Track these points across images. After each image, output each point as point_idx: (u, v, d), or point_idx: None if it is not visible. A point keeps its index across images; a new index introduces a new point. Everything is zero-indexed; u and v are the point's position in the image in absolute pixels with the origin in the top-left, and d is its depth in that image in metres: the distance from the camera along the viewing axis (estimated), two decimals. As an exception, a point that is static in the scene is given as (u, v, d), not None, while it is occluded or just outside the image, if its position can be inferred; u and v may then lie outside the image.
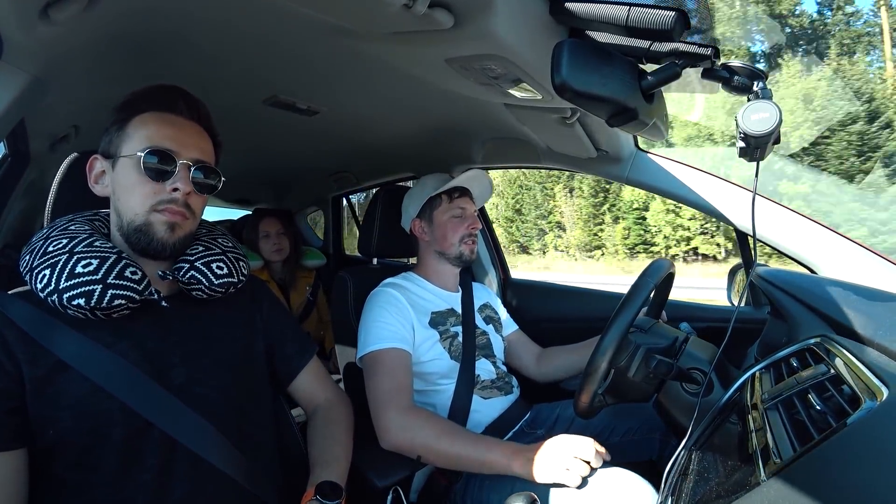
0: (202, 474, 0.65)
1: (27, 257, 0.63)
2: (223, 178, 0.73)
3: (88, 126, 1.16)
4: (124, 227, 0.67)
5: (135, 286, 0.63)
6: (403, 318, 1.06)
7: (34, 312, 0.61)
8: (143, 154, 0.65)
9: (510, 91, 0.84)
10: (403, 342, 1.02)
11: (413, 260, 1.33)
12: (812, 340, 0.65)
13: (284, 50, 0.84)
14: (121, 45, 0.80)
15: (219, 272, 0.73)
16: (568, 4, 0.59)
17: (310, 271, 2.22)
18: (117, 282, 0.61)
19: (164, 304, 0.68)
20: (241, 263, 0.78)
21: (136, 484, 0.61)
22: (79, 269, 0.60)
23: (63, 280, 0.59)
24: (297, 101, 1.11)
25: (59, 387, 0.59)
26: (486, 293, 1.40)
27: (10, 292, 0.64)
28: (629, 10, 0.54)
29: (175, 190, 0.67)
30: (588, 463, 0.78)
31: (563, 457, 0.79)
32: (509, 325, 1.38)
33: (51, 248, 0.62)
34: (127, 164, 0.66)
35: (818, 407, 0.48)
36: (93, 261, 0.61)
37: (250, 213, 2.31)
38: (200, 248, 0.74)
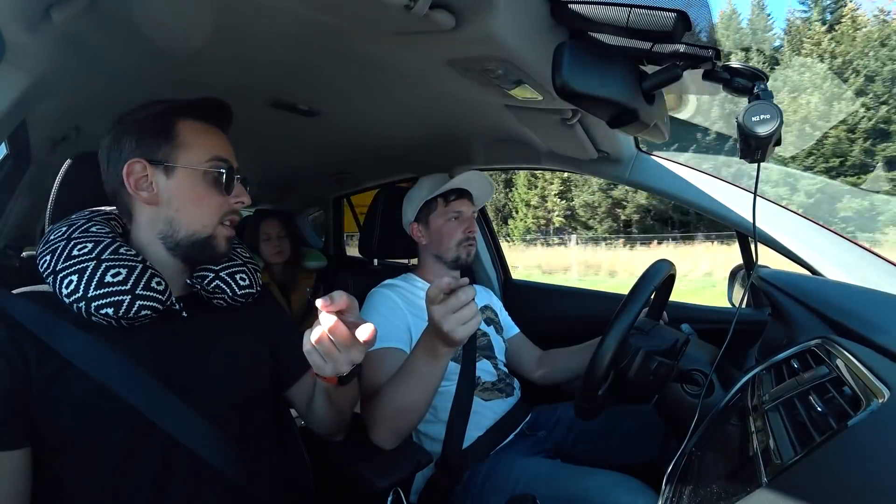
0: (203, 476, 0.65)
1: (48, 257, 0.62)
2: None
3: (89, 127, 1.16)
4: (181, 238, 0.68)
5: (160, 297, 0.64)
6: (398, 318, 1.06)
7: (40, 312, 0.61)
8: (217, 169, 0.68)
9: (511, 92, 0.84)
10: (399, 341, 1.02)
11: (414, 261, 1.33)
12: (813, 342, 0.65)
13: (285, 51, 0.84)
14: (121, 46, 0.80)
15: (242, 283, 0.75)
16: (569, 6, 0.59)
17: (310, 272, 2.22)
18: (144, 292, 0.62)
19: (184, 314, 0.69)
20: (258, 274, 0.81)
21: (136, 484, 0.61)
22: (108, 279, 0.61)
23: (92, 288, 0.60)
24: (297, 103, 1.11)
25: (64, 386, 0.59)
26: (487, 294, 1.40)
27: (14, 292, 0.64)
28: (630, 11, 0.54)
29: (239, 202, 0.71)
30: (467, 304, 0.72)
31: (446, 320, 0.72)
32: (510, 328, 1.38)
33: (76, 252, 0.62)
34: (191, 175, 0.67)
35: (819, 408, 0.48)
36: (121, 270, 0.62)
37: (250, 214, 2.31)
38: (224, 259, 0.76)
